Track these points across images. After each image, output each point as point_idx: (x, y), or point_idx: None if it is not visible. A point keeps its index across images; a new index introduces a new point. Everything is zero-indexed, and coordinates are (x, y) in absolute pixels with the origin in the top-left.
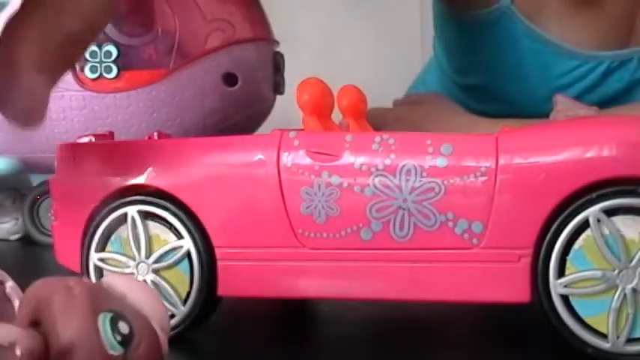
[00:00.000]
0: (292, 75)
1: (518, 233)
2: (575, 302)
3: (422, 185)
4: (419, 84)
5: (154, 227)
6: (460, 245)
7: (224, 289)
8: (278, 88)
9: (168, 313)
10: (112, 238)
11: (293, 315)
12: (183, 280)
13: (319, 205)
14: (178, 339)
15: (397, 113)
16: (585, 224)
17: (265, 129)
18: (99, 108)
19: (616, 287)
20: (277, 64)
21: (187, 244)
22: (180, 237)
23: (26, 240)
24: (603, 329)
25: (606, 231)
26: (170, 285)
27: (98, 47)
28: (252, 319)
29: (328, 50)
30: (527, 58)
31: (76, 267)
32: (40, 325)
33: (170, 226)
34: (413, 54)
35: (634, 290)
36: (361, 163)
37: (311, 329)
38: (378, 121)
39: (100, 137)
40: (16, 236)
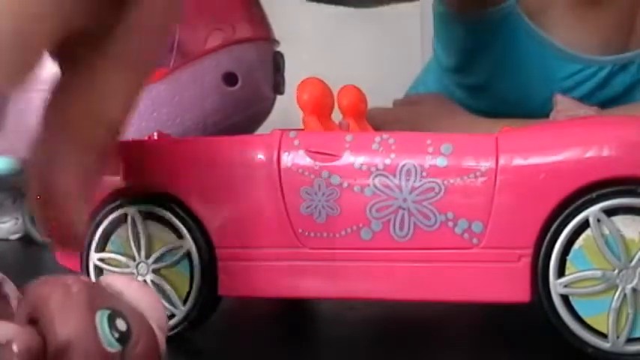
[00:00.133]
0: (292, 75)
1: (518, 233)
2: (575, 302)
3: (422, 185)
4: (419, 84)
5: (154, 227)
6: (460, 245)
7: (224, 289)
8: (278, 88)
9: (167, 313)
10: (112, 238)
11: (293, 315)
12: (183, 280)
13: (319, 205)
14: (178, 339)
15: (397, 113)
16: (585, 224)
17: (265, 129)
18: None
19: (616, 287)
20: (277, 64)
21: (187, 244)
22: (180, 237)
23: (26, 240)
24: (603, 329)
25: (606, 231)
26: (170, 285)
27: None
28: (252, 319)
29: (328, 50)
30: (529, 60)
31: (76, 267)
32: (38, 323)
33: (170, 226)
34: (413, 54)
35: (634, 290)
36: (361, 163)
37: (311, 329)
38: (378, 121)
39: None
40: (16, 236)
